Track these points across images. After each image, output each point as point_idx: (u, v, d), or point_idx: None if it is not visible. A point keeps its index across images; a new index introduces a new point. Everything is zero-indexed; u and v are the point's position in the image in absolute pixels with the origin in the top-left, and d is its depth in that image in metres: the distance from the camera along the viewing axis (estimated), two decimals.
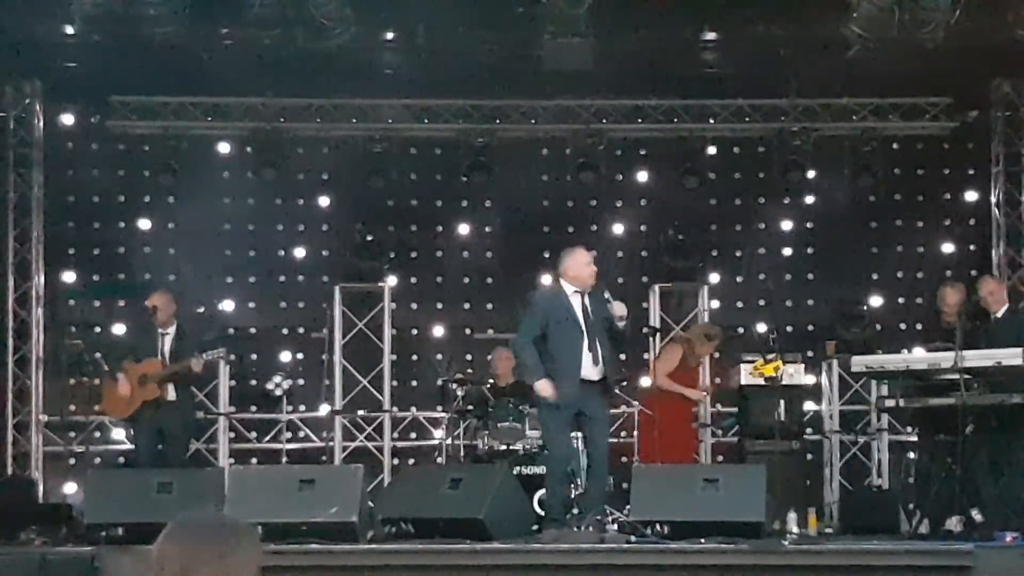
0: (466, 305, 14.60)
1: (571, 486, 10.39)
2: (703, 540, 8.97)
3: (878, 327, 14.18)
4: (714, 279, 14.31)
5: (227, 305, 14.31)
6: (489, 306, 14.46)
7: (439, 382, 12.84)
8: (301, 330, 14.09)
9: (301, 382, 13.75)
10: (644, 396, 12.46)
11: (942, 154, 14.57)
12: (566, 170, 14.37)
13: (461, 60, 12.88)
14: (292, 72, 12.82)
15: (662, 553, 8.88)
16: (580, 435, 10.35)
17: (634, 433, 12.21)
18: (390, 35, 12.64)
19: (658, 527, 9.31)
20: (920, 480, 11.16)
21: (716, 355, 12.80)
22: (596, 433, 9.81)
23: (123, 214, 14.37)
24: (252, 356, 14.27)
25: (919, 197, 14.62)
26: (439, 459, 12.45)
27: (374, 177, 14.05)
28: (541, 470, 10.90)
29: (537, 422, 11.20)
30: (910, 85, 13.87)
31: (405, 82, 13.42)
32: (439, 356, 14.08)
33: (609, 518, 9.95)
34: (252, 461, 13.65)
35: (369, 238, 14.28)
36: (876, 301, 14.37)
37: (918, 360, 10.36)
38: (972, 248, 14.43)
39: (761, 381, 11.81)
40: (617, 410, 12.22)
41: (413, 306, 14.61)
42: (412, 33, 12.46)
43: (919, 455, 11.27)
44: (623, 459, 12.09)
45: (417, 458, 14.00)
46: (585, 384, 9.65)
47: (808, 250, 14.60)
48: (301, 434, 13.93)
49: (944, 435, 10.33)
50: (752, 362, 11.94)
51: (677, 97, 14.20)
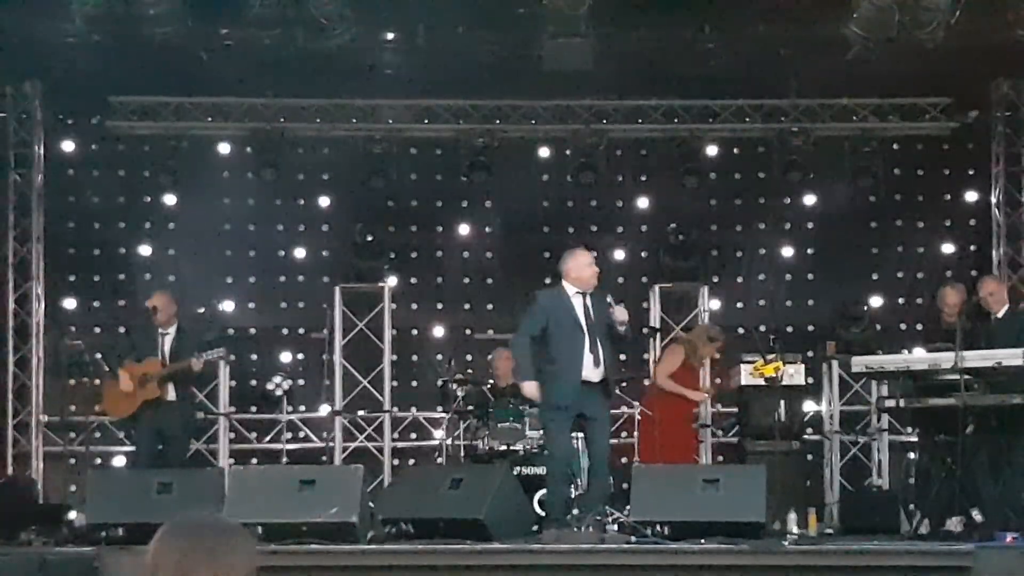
0: (466, 305, 14.60)
1: (571, 487, 10.40)
2: (703, 540, 8.97)
3: (878, 327, 14.16)
4: (714, 279, 14.31)
5: (227, 305, 14.32)
6: (489, 306, 14.46)
7: (439, 382, 12.83)
8: (301, 330, 14.08)
9: (301, 382, 13.76)
10: (644, 397, 12.45)
11: (942, 154, 14.57)
12: (566, 170, 14.36)
13: (461, 60, 12.88)
14: (292, 72, 12.82)
15: (662, 553, 8.87)
16: (580, 436, 10.37)
17: (634, 434, 12.20)
18: (390, 35, 12.64)
19: (658, 527, 9.31)
20: (920, 480, 11.15)
21: (717, 356, 12.78)
22: (597, 434, 9.80)
23: (123, 214, 14.37)
24: (252, 356, 14.28)
25: (919, 197, 14.62)
26: (439, 459, 12.45)
27: (374, 177, 14.04)
28: (541, 470, 10.89)
29: (537, 422, 11.22)
30: (910, 85, 13.87)
31: (405, 82, 13.42)
32: (439, 356, 14.09)
33: (609, 518, 9.93)
34: (252, 461, 13.66)
35: (369, 238, 14.27)
36: (876, 301, 14.36)
37: (918, 360, 10.35)
38: (972, 248, 14.42)
39: (761, 381, 11.80)
40: (617, 411, 12.21)
41: (413, 306, 14.61)
42: (412, 33, 12.46)
43: (919, 455, 11.25)
44: (623, 460, 12.09)
45: (417, 458, 14.00)
46: (586, 385, 9.64)
47: (808, 250, 14.59)
48: (301, 434, 13.92)
49: (944, 435, 10.32)
50: (752, 362, 11.94)
51: (677, 97, 14.20)
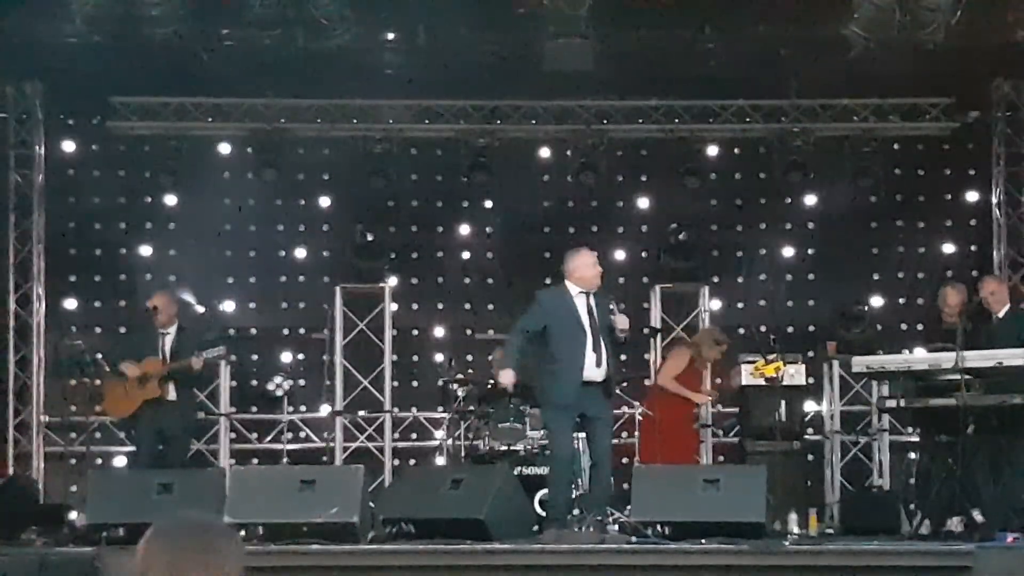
0: (467, 305, 14.59)
1: (572, 487, 10.40)
2: (704, 541, 8.96)
3: (879, 328, 14.17)
4: (715, 280, 14.30)
5: (228, 306, 14.32)
6: (490, 306, 14.45)
7: (440, 382, 12.83)
8: (302, 331, 14.07)
9: (302, 383, 13.74)
10: (645, 397, 12.45)
11: (943, 154, 14.56)
12: (567, 170, 14.36)
13: (462, 60, 12.88)
14: (292, 72, 12.82)
15: (663, 554, 8.86)
16: (582, 436, 10.37)
17: (635, 434, 12.19)
18: (390, 35, 12.65)
19: (659, 528, 9.32)
20: (921, 481, 11.16)
21: (720, 359, 12.74)
22: (598, 434, 9.80)
23: (124, 215, 14.37)
24: (253, 357, 14.28)
25: (920, 197, 14.61)
26: (440, 460, 12.45)
27: (374, 178, 14.04)
28: (542, 470, 10.90)
29: (538, 423, 11.22)
30: (911, 86, 13.87)
31: (405, 82, 13.42)
32: (440, 357, 14.10)
33: (610, 519, 9.94)
34: (253, 462, 13.66)
35: (370, 238, 14.27)
36: (877, 301, 14.36)
37: (919, 361, 10.34)
38: (973, 248, 14.42)
39: (762, 382, 11.81)
40: (618, 411, 12.20)
41: (414, 306, 14.61)
42: (412, 33, 12.46)
43: (920, 456, 11.26)
44: (624, 460, 12.08)
45: (418, 458, 14.00)
46: (588, 385, 9.64)
47: (809, 251, 14.58)
48: (302, 435, 13.92)
49: (945, 436, 10.33)
50: (753, 363, 11.94)
51: (678, 98, 14.20)
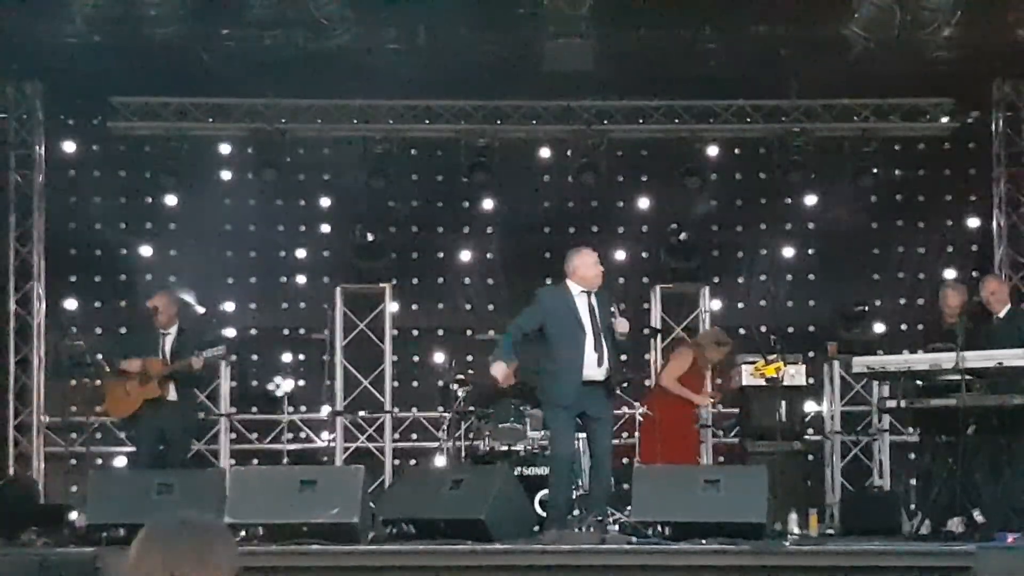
0: (467, 306, 14.59)
1: (573, 487, 10.39)
2: (704, 541, 8.96)
3: (879, 328, 14.17)
4: (715, 280, 14.30)
5: (228, 306, 14.31)
6: (490, 307, 14.44)
7: (440, 383, 12.83)
8: (302, 331, 14.05)
9: (302, 383, 13.75)
10: (646, 398, 12.45)
11: (943, 155, 14.56)
12: (567, 171, 14.35)
13: (462, 60, 12.88)
14: (293, 73, 12.82)
15: (663, 554, 8.86)
16: (582, 436, 10.37)
17: (635, 434, 12.19)
18: (391, 36, 12.64)
19: (659, 528, 9.31)
20: (921, 481, 11.18)
21: (723, 360, 12.71)
22: (599, 434, 9.81)
23: (124, 215, 14.36)
24: (253, 357, 14.28)
25: (920, 197, 14.60)
26: (440, 460, 12.44)
27: (375, 178, 14.04)
28: (542, 471, 10.90)
29: (539, 423, 11.22)
30: (911, 86, 13.86)
31: (406, 83, 13.41)
32: (440, 358, 14.10)
33: (610, 519, 9.93)
34: (253, 462, 13.65)
35: (370, 239, 14.27)
36: (877, 302, 14.36)
37: (919, 361, 10.33)
38: (974, 248, 14.41)
39: (762, 382, 11.79)
40: (618, 411, 12.20)
41: (414, 307, 14.61)
42: (413, 34, 12.46)
43: (920, 456, 11.27)
44: (624, 460, 12.08)
45: (418, 459, 13.99)
46: (589, 385, 9.64)
47: (809, 251, 14.58)
48: (302, 435, 13.92)
49: (945, 436, 10.33)
50: (753, 363, 11.93)
51: (678, 98, 14.19)
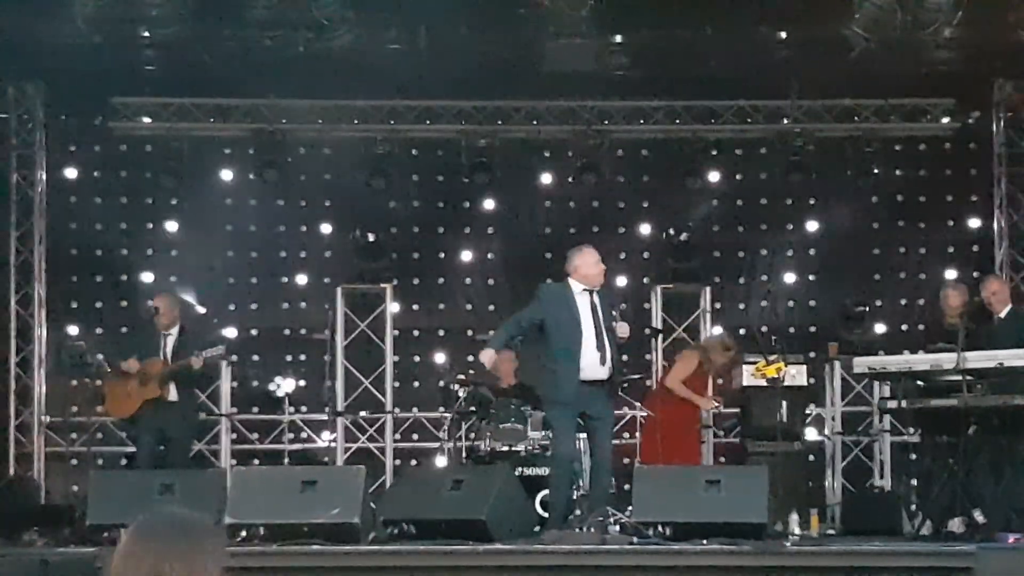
0: (468, 306, 14.59)
1: (573, 487, 10.39)
2: (705, 541, 8.96)
3: (880, 328, 14.16)
4: (716, 280, 14.29)
5: (229, 306, 14.31)
6: (491, 307, 14.43)
7: (441, 383, 12.83)
8: (303, 331, 14.05)
9: (303, 383, 13.74)
10: (647, 398, 12.45)
11: (944, 155, 14.54)
12: (568, 171, 14.35)
13: (463, 61, 12.87)
14: (294, 73, 12.81)
15: (664, 554, 8.86)
16: (583, 436, 10.36)
17: (636, 435, 12.18)
18: (392, 36, 12.63)
19: (660, 528, 9.31)
20: (922, 481, 11.17)
21: (729, 364, 12.65)
22: (600, 433, 9.81)
23: (125, 215, 14.36)
24: (254, 357, 14.27)
25: (921, 198, 14.59)
26: (441, 460, 12.44)
27: (376, 178, 14.03)
28: (543, 471, 10.89)
29: (539, 423, 11.22)
30: (912, 86, 13.85)
31: (407, 83, 13.42)
32: (441, 358, 14.10)
33: (611, 519, 9.93)
34: (254, 462, 13.65)
35: (371, 239, 14.27)
36: (878, 302, 14.35)
37: (920, 361, 10.34)
38: (975, 249, 14.39)
39: (763, 382, 11.77)
40: (619, 411, 12.19)
41: (415, 307, 14.60)
42: (414, 34, 12.44)
43: (921, 456, 11.26)
44: (625, 461, 12.07)
45: (419, 459, 13.99)
46: (592, 384, 9.63)
47: (810, 251, 14.57)
48: (303, 435, 13.92)
49: (946, 436, 10.33)
50: (754, 363, 11.92)
51: (679, 98, 14.19)
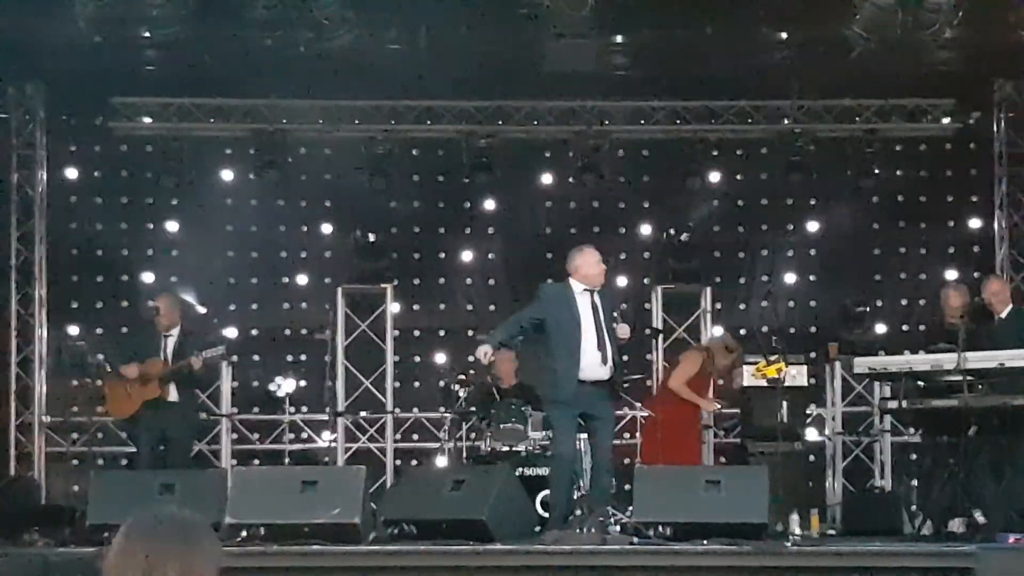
0: (468, 306, 14.59)
1: (574, 487, 10.39)
2: (706, 542, 8.96)
3: (881, 329, 14.16)
4: (717, 280, 14.28)
5: (229, 306, 14.31)
6: (491, 307, 14.42)
7: (441, 383, 12.83)
8: (303, 331, 14.06)
9: (303, 383, 13.73)
10: (648, 399, 12.44)
11: (945, 155, 14.55)
12: (568, 171, 14.35)
13: (463, 61, 12.87)
14: (294, 73, 12.81)
15: (665, 554, 8.87)
16: (584, 437, 10.36)
17: (636, 435, 12.18)
18: (392, 36, 12.63)
19: (661, 528, 9.30)
20: (923, 482, 11.17)
21: (732, 366, 12.62)
22: (601, 433, 9.81)
23: (126, 215, 14.37)
24: (255, 357, 14.27)
25: (922, 198, 14.59)
26: (441, 460, 12.44)
27: (376, 178, 14.04)
28: (543, 471, 10.90)
29: (540, 424, 11.22)
30: (912, 86, 13.86)
31: (407, 83, 13.41)
32: (441, 358, 14.10)
33: (612, 519, 9.93)
34: (255, 462, 13.66)
35: (371, 239, 14.27)
36: (879, 302, 14.34)
37: (921, 362, 10.34)
38: (975, 249, 14.39)
39: (764, 383, 11.77)
40: (620, 412, 12.18)
41: (415, 307, 14.60)
42: (414, 34, 12.45)
43: (922, 457, 11.25)
44: (626, 461, 12.07)
45: (419, 459, 13.99)
46: (592, 384, 9.63)
47: (811, 251, 14.58)
48: (304, 435, 13.92)
49: (947, 436, 10.33)
50: (755, 363, 11.92)
51: (679, 99, 14.20)
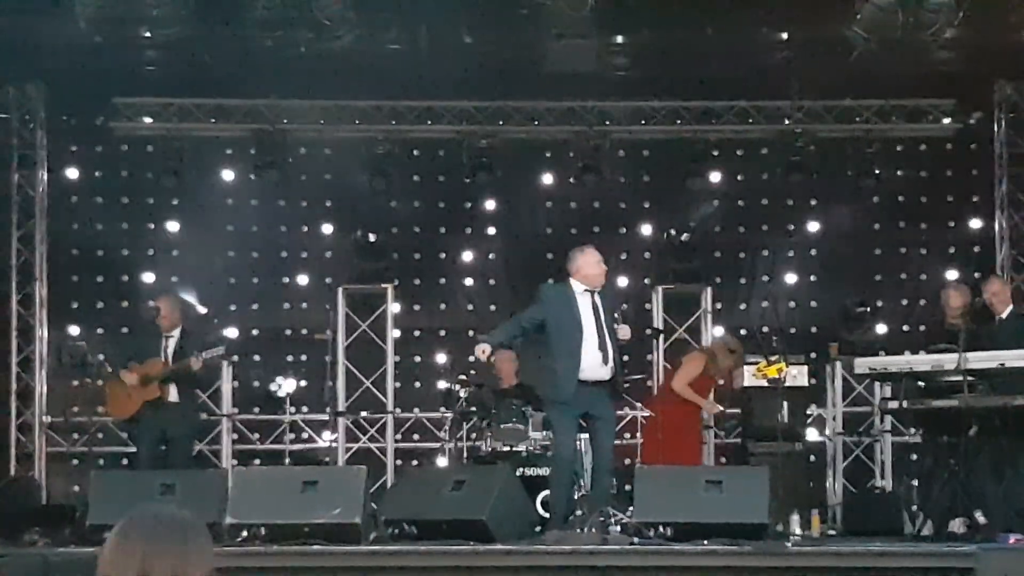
0: (469, 307, 14.59)
1: (574, 487, 10.39)
2: (706, 542, 8.96)
3: (881, 329, 14.16)
4: (717, 281, 14.29)
5: (230, 306, 14.31)
6: (492, 307, 14.43)
7: (442, 383, 12.83)
8: (304, 331, 14.07)
9: (304, 384, 13.74)
10: (648, 399, 12.43)
11: (945, 156, 14.55)
12: (569, 172, 14.36)
13: (464, 61, 12.88)
14: (295, 73, 12.82)
15: (665, 555, 8.86)
16: (584, 437, 10.36)
17: (637, 435, 12.18)
18: (392, 36, 12.64)
19: (661, 529, 9.30)
20: (923, 482, 11.16)
21: (734, 368, 12.59)
22: (602, 434, 9.81)
23: (126, 215, 14.37)
24: (255, 357, 14.27)
25: (922, 198, 14.59)
26: (442, 461, 12.44)
27: (377, 178, 14.04)
28: (544, 471, 10.90)
29: (540, 424, 11.22)
30: (913, 87, 13.86)
31: (408, 83, 13.42)
32: (442, 358, 14.10)
33: (612, 520, 9.93)
34: (255, 462, 13.66)
35: (372, 239, 14.27)
36: (879, 302, 14.34)
37: (921, 362, 10.33)
38: (976, 249, 14.39)
39: (764, 383, 11.78)
40: (621, 412, 12.18)
41: (416, 307, 14.60)
42: (414, 34, 12.45)
43: (922, 457, 11.25)
44: (626, 461, 12.07)
45: (420, 459, 13.99)
46: (593, 384, 9.63)
47: (811, 252, 14.58)
48: (304, 435, 13.92)
49: (947, 437, 10.32)
50: (755, 364, 11.91)
51: (680, 99, 14.20)
